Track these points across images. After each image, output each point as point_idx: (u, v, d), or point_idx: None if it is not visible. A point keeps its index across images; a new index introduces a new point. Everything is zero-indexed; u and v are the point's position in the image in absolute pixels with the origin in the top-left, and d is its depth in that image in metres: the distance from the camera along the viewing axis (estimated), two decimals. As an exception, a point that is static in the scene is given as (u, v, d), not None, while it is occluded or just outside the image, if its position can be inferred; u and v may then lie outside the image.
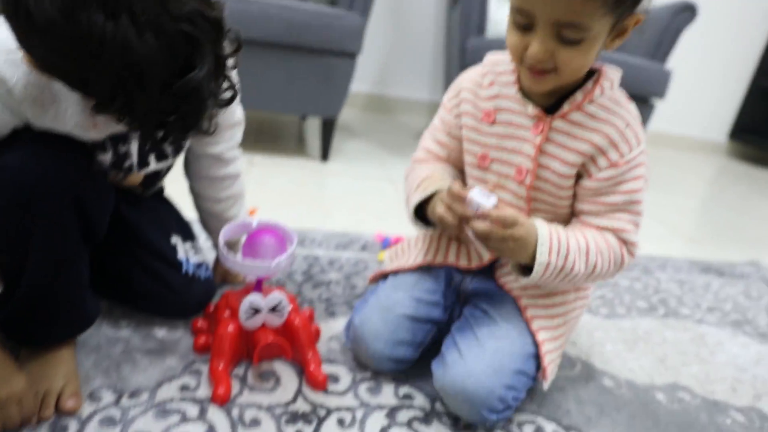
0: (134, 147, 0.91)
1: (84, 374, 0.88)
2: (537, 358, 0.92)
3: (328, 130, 2.23)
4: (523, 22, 0.78)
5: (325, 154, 2.27)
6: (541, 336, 0.92)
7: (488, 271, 1.01)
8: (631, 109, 0.88)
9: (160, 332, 1.02)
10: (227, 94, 0.80)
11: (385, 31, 3.21)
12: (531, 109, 0.88)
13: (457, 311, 1.01)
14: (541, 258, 0.82)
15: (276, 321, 0.93)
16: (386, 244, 1.49)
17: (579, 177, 0.89)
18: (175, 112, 0.70)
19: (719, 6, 3.48)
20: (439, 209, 0.87)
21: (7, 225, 0.77)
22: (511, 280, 0.97)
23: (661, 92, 2.35)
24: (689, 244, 2.01)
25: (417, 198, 0.93)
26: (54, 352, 0.86)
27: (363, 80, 3.25)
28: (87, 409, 0.83)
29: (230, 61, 0.76)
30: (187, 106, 0.70)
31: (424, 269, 1.03)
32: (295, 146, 2.48)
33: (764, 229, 2.47)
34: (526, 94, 0.90)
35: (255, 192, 1.82)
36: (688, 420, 1.02)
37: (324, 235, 1.52)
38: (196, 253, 1.08)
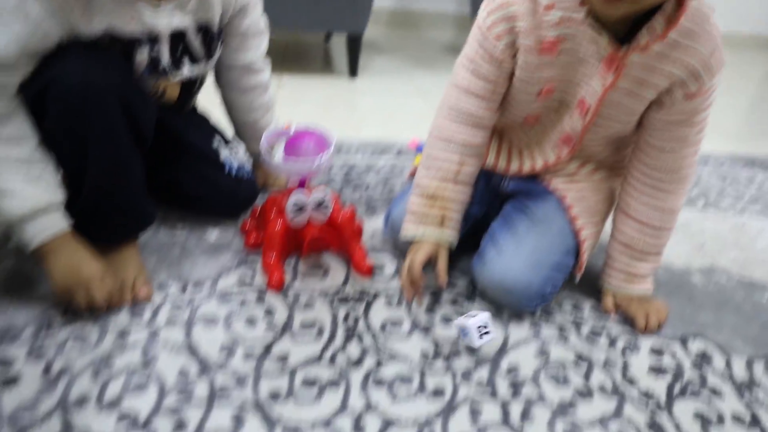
0: (165, 49, 0.94)
1: (149, 270, 0.95)
2: (575, 252, 0.95)
3: (354, 46, 2.21)
4: None
5: (353, 71, 2.26)
6: (583, 234, 0.94)
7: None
8: (717, 28, 0.77)
9: (213, 235, 1.08)
10: None
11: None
12: (604, 43, 0.78)
13: (495, 209, 1.04)
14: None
15: (321, 217, 0.98)
16: (421, 149, 1.51)
17: (649, 107, 0.85)
18: None
19: None
20: (403, 272, 0.89)
21: (64, 134, 0.83)
22: (557, 181, 0.97)
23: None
24: (734, 142, 1.98)
25: (410, 231, 0.93)
26: (121, 250, 0.93)
27: (386, -5, 3.18)
28: (157, 297, 0.90)
29: None
30: None
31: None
32: (322, 66, 2.47)
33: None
34: (596, 18, 0.77)
35: (285, 112, 1.84)
36: (723, 298, 1.05)
37: (359, 144, 1.55)
38: (236, 156, 1.14)
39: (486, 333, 0.80)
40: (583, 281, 1.03)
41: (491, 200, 1.04)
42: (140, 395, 0.73)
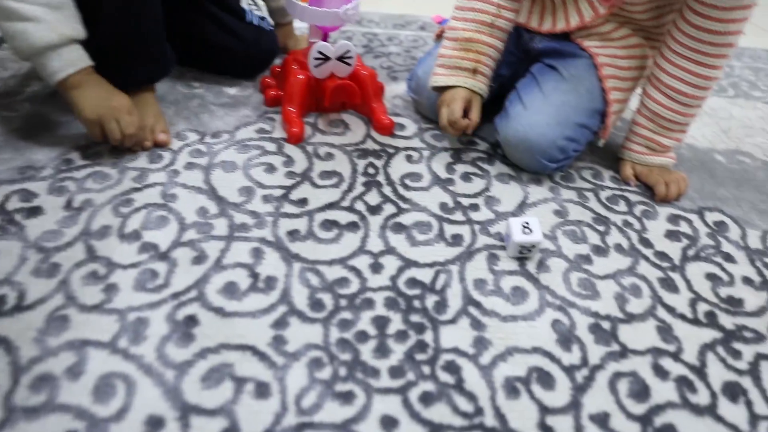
0: None
1: (168, 120, 0.94)
2: (601, 114, 0.93)
3: None
4: None
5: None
6: (613, 95, 0.91)
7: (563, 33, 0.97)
8: None
9: (231, 90, 1.06)
10: None
11: None
12: None
13: (523, 70, 1.00)
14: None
15: (344, 70, 0.95)
16: (445, 23, 1.45)
17: None
18: None
19: None
20: (443, 118, 0.90)
21: None
22: (589, 41, 0.93)
23: None
24: None
25: (440, 80, 0.93)
26: (139, 96, 0.91)
27: None
28: (176, 144, 0.90)
29: None
30: None
31: None
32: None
33: None
34: None
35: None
36: (745, 177, 1.03)
37: (381, 16, 1.49)
38: (257, 8, 1.10)
39: (529, 231, 0.75)
40: (604, 153, 1.01)
41: (520, 60, 1.00)
42: (160, 229, 0.74)
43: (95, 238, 0.72)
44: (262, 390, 0.58)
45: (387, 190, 0.85)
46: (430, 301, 0.69)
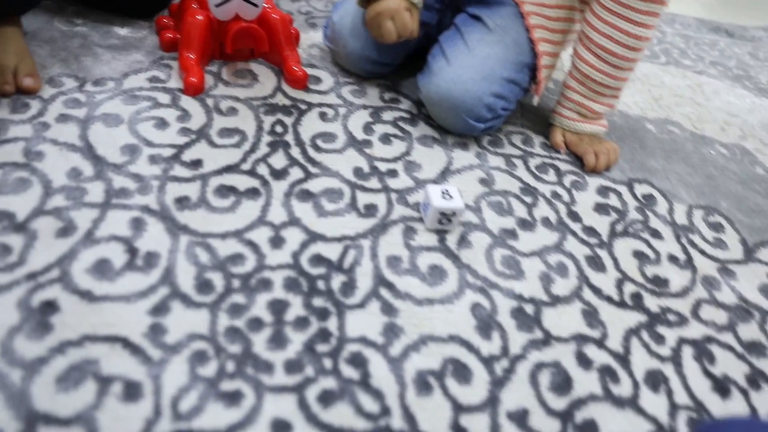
0: None
1: (39, 63, 0.80)
2: (531, 69, 0.86)
3: None
4: None
5: None
6: (542, 47, 0.85)
7: None
8: None
9: (122, 31, 0.92)
10: None
11: None
12: None
13: (447, 20, 0.92)
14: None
15: (251, 12, 0.83)
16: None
17: None
18: None
19: None
20: (390, 32, 0.79)
21: None
22: None
23: None
24: (704, 9, 1.88)
25: None
26: (-1, 30, 0.76)
27: None
28: (47, 92, 0.76)
29: None
30: None
31: None
32: None
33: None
34: None
35: None
36: (674, 147, 1.00)
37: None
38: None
39: (449, 198, 0.68)
40: (535, 116, 0.95)
41: (445, 7, 0.92)
42: (18, 194, 0.62)
43: (-68, 204, 0.59)
44: (131, 391, 0.49)
45: (295, 152, 0.75)
46: (337, 281, 0.61)
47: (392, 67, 0.92)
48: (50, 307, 0.53)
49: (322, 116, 0.82)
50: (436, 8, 0.91)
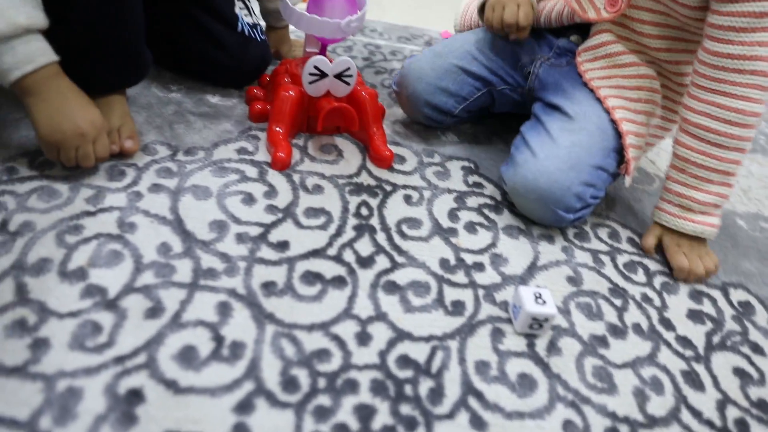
0: None
1: (137, 128, 0.82)
2: (617, 153, 0.82)
3: None
4: None
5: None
6: (625, 126, 0.81)
7: (566, 55, 0.90)
8: None
9: (213, 98, 0.94)
10: None
11: None
12: None
13: (524, 92, 0.93)
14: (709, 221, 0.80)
15: (342, 89, 0.84)
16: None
17: None
18: None
19: None
20: (495, 19, 0.87)
21: None
22: (593, 68, 0.85)
23: None
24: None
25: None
26: (106, 97, 0.79)
27: None
28: (142, 159, 0.78)
29: None
30: None
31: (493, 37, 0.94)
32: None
33: None
34: None
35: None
36: None
37: (384, 27, 1.37)
38: (249, 13, 0.97)
39: (542, 303, 0.65)
40: (622, 208, 0.92)
41: (519, 84, 0.94)
42: (111, 267, 0.62)
43: (30, 274, 0.60)
44: (213, 497, 0.47)
45: (381, 238, 0.74)
46: (425, 387, 0.58)
47: (451, 117, 0.94)
48: (136, 396, 0.52)
49: (407, 199, 0.81)
50: (508, 80, 0.93)
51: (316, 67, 0.80)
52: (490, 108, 0.99)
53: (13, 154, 0.74)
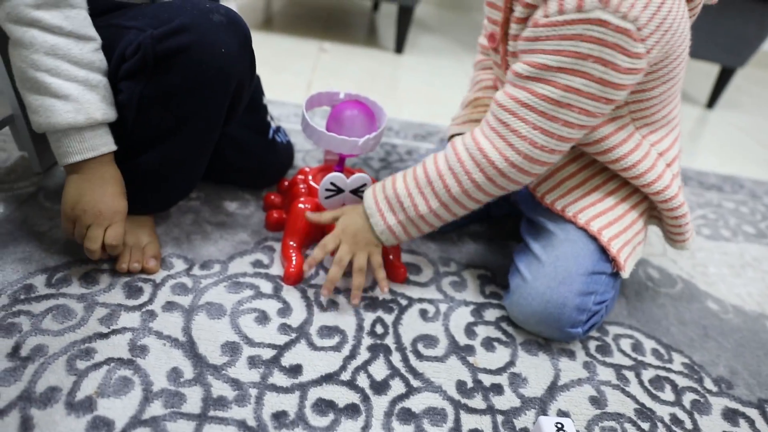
0: None
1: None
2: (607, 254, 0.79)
3: (404, 20, 2.05)
4: None
5: (399, 46, 2.11)
6: (594, 226, 0.78)
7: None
8: None
9: (231, 206, 0.96)
10: None
11: None
12: None
13: (511, 204, 0.96)
14: (377, 228, 0.77)
15: (357, 203, 0.84)
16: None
17: None
18: None
19: None
20: None
21: (176, 97, 0.71)
22: (543, 190, 0.83)
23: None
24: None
25: (456, 128, 0.94)
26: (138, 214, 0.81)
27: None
28: (160, 274, 0.78)
29: None
30: None
31: None
32: (367, 36, 2.32)
33: None
34: None
35: (326, 79, 1.71)
36: (802, 354, 0.90)
37: (401, 125, 1.41)
38: (271, 117, 1.01)
39: None
40: (643, 316, 0.89)
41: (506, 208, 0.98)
42: (120, 396, 0.61)
43: (37, 406, 0.59)
44: None
45: (396, 359, 0.72)
46: None
47: (455, 226, 0.96)
48: None
49: (423, 314, 0.80)
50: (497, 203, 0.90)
51: (332, 183, 0.81)
52: (490, 212, 1.01)
53: (33, 270, 0.75)
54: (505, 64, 0.77)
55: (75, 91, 0.66)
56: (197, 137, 0.76)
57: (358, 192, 0.83)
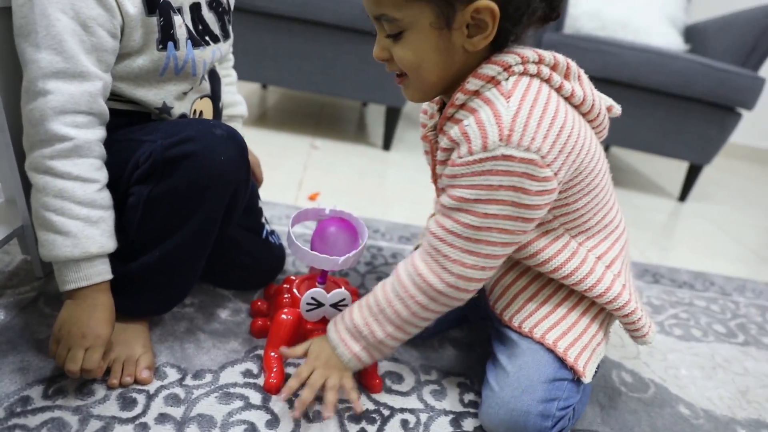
0: (188, 20, 0.85)
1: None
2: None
3: (391, 119, 2.19)
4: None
5: (387, 144, 2.23)
6: (549, 338, 0.83)
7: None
8: (498, 109, 0.69)
9: (223, 313, 1.01)
10: None
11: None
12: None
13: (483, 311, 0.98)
14: (344, 357, 0.82)
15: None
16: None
17: None
18: None
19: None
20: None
21: (175, 203, 0.79)
22: (501, 307, 0.90)
23: (750, 102, 2.19)
24: None
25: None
26: (134, 324, 0.87)
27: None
28: (153, 384, 0.82)
29: None
30: None
31: None
32: (356, 133, 2.45)
33: None
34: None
35: (317, 176, 1.80)
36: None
37: (387, 227, 1.48)
38: (266, 221, 1.10)
39: None
40: (618, 423, 0.93)
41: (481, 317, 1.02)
42: None
43: None
44: None
45: (378, 473, 0.75)
46: None
47: (435, 333, 1.01)
48: None
49: (404, 425, 0.84)
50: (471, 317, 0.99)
51: (313, 298, 0.87)
52: (468, 317, 1.06)
53: (31, 381, 0.79)
54: (439, 195, 0.86)
55: (75, 228, 0.74)
56: (197, 236, 0.82)
57: (338, 306, 0.89)
